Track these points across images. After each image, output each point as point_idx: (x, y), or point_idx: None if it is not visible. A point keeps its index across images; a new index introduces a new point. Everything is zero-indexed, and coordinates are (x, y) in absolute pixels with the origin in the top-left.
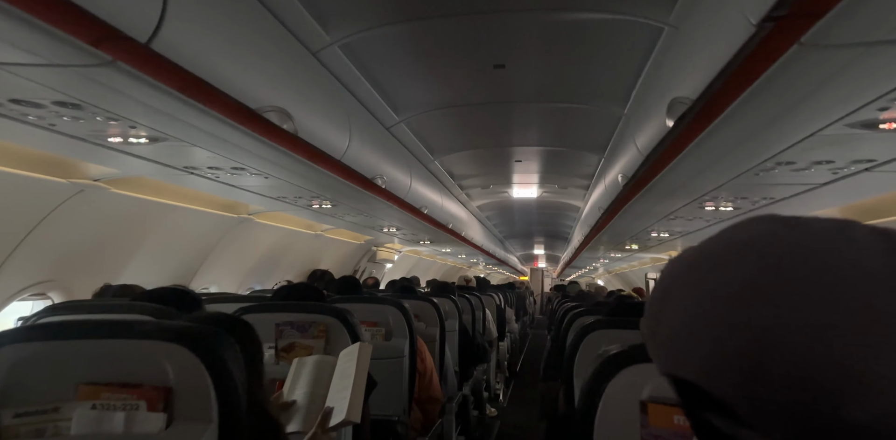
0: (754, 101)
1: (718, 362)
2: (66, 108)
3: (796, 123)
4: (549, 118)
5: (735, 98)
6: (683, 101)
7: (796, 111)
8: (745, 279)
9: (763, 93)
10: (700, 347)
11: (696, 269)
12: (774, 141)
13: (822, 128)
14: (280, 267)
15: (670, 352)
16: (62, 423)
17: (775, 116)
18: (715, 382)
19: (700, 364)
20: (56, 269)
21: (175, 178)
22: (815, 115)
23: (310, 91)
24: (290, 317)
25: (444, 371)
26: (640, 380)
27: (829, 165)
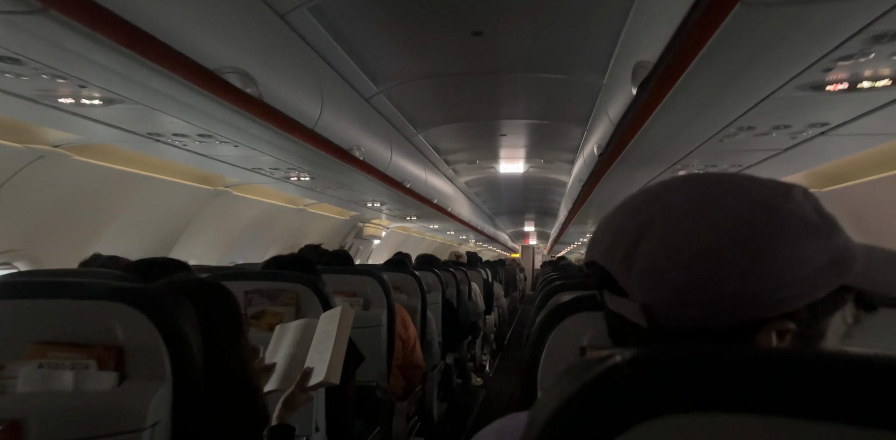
0: (708, 62)
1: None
2: (6, 63)
3: (750, 86)
4: (532, 89)
5: (691, 60)
6: (645, 66)
7: (748, 73)
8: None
9: (716, 54)
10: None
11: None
12: (733, 104)
13: (775, 90)
14: (262, 242)
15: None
16: (8, 381)
17: (730, 78)
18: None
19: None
20: (22, 239)
21: (142, 145)
22: (765, 76)
23: (276, 54)
24: (260, 286)
25: (426, 341)
26: (582, 329)
27: (787, 130)
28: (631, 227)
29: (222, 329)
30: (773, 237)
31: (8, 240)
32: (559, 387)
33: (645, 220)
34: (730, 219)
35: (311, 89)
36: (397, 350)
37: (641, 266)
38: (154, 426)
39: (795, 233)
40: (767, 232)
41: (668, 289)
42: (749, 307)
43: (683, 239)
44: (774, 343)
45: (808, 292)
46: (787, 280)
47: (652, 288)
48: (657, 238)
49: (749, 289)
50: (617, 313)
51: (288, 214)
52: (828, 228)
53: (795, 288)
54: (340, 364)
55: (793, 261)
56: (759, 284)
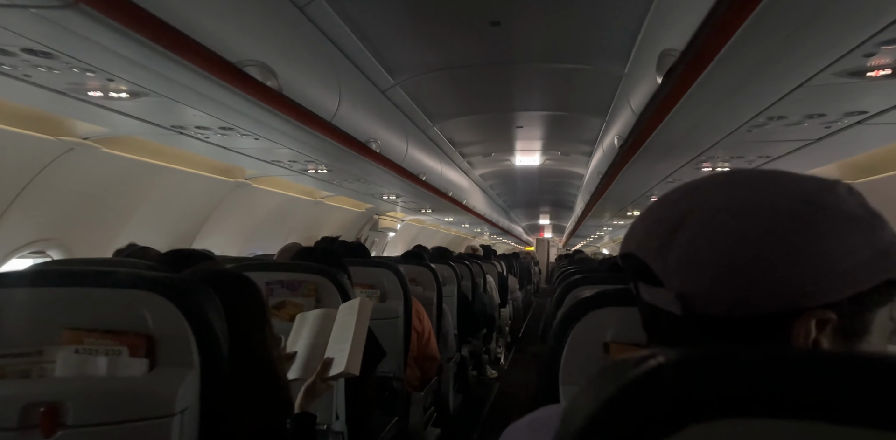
0: (740, 48)
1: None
2: (38, 56)
3: (783, 73)
4: (550, 80)
5: (721, 46)
6: (672, 54)
7: (783, 59)
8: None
9: (748, 39)
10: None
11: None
12: (764, 93)
13: (810, 77)
14: (281, 233)
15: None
16: (47, 365)
17: (762, 65)
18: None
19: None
20: (54, 228)
21: (165, 138)
22: (801, 62)
23: (295, 46)
24: (280, 277)
25: (441, 333)
26: (605, 324)
27: (821, 119)
28: (668, 217)
29: (246, 318)
30: (814, 227)
31: (41, 229)
32: (596, 388)
33: (683, 210)
34: (769, 209)
35: (329, 82)
36: (412, 342)
37: (678, 254)
38: (183, 412)
39: (837, 225)
40: (808, 222)
41: (704, 276)
42: (788, 295)
43: (721, 228)
44: (813, 334)
45: (850, 284)
46: (829, 270)
47: (689, 275)
48: (695, 227)
49: (788, 276)
50: (651, 305)
51: (305, 206)
52: (873, 223)
53: (837, 279)
54: (360, 355)
55: (835, 251)
56: (799, 273)
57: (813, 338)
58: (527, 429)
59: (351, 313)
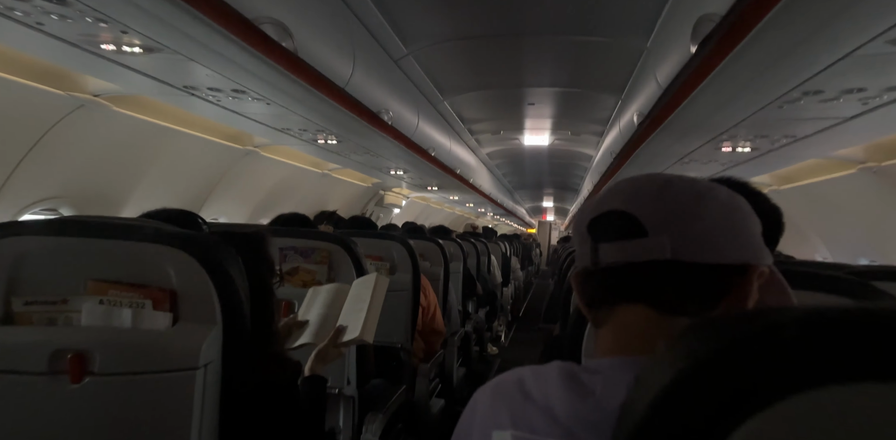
0: (788, 12)
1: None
2: (52, 3)
3: (831, 40)
4: (566, 54)
5: (769, 10)
6: (711, 18)
7: (833, 25)
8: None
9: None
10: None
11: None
12: (805, 64)
13: (860, 46)
14: (288, 204)
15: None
16: (73, 314)
17: (809, 32)
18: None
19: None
20: (65, 186)
21: (176, 99)
22: (853, 29)
23: (310, 6)
24: (294, 243)
25: (447, 308)
26: None
27: (860, 94)
28: (649, 183)
29: (256, 275)
30: (747, 209)
31: (52, 187)
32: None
33: (663, 180)
34: (722, 190)
35: (344, 47)
36: (417, 316)
37: (670, 206)
38: (206, 366)
39: (752, 214)
40: (744, 206)
41: (694, 226)
42: (746, 251)
43: (700, 192)
44: (754, 284)
45: (765, 256)
46: (758, 243)
47: (680, 223)
48: (679, 188)
49: (746, 237)
50: (623, 264)
51: (312, 178)
52: (757, 222)
53: (762, 250)
54: (375, 324)
55: (756, 231)
56: (750, 237)
57: (751, 290)
58: (490, 392)
59: (366, 287)
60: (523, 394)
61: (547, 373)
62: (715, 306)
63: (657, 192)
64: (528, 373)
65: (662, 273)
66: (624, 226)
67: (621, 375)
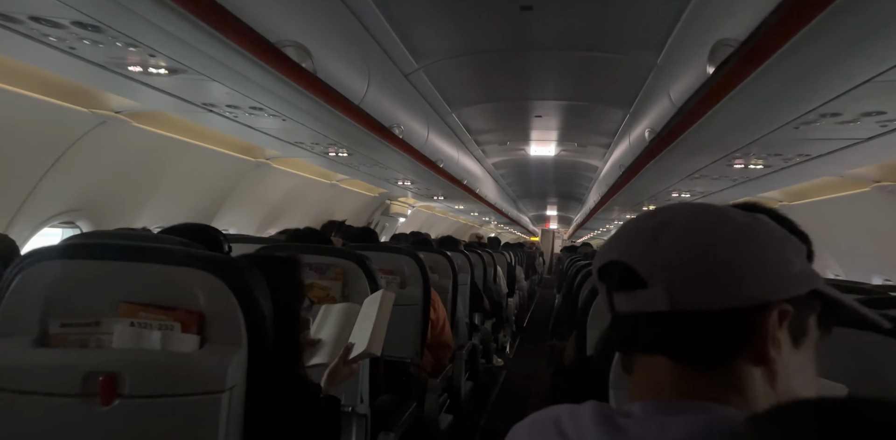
0: (811, 40)
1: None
2: (86, 30)
3: (852, 67)
4: (576, 69)
5: (788, 39)
6: (729, 44)
7: (854, 53)
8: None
9: (823, 29)
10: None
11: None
12: (823, 88)
13: (883, 72)
14: (296, 214)
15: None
16: (104, 336)
17: (829, 59)
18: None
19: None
20: (84, 199)
21: (194, 115)
22: (874, 58)
23: (329, 28)
24: (309, 259)
25: (455, 321)
26: None
27: (878, 117)
28: (649, 226)
29: (286, 298)
30: (763, 239)
31: (72, 199)
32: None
33: (663, 220)
34: (731, 222)
35: (360, 65)
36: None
37: (665, 253)
38: (232, 389)
39: (775, 241)
40: (760, 235)
41: (690, 272)
42: (758, 288)
43: (701, 231)
44: (777, 326)
45: (795, 285)
46: (781, 272)
47: (675, 271)
48: (678, 230)
49: (758, 271)
50: (631, 315)
51: (321, 188)
52: (793, 243)
53: (787, 279)
54: (382, 338)
55: (782, 259)
56: (764, 269)
57: (773, 335)
58: (528, 429)
59: (373, 304)
60: (559, 432)
61: (582, 413)
62: (737, 354)
63: (652, 238)
64: (564, 413)
65: (669, 324)
66: (624, 277)
67: (653, 417)
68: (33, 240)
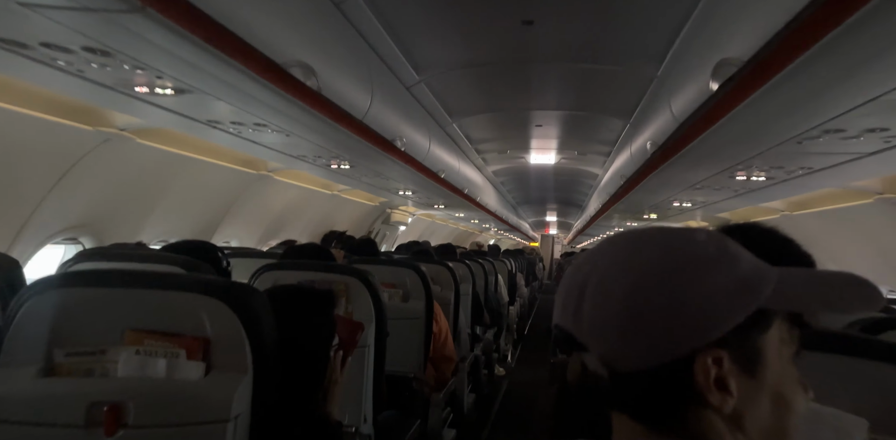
0: (814, 62)
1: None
2: (95, 54)
3: (857, 87)
4: (574, 80)
5: (793, 59)
6: (732, 63)
7: (860, 73)
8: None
9: (826, 53)
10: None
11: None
12: (828, 106)
13: (886, 92)
14: (298, 224)
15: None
16: (109, 365)
17: (835, 79)
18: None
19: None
20: (87, 216)
21: (198, 131)
22: (880, 77)
23: (333, 46)
24: (312, 276)
25: (457, 332)
26: None
27: (882, 134)
28: (574, 284)
29: (319, 334)
30: (679, 274)
31: (75, 216)
32: None
33: (582, 278)
34: (645, 263)
35: (363, 80)
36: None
37: (588, 317)
38: (237, 418)
39: (700, 269)
40: (674, 270)
41: (613, 334)
42: (680, 339)
43: (612, 286)
44: (713, 372)
45: (725, 318)
46: (703, 310)
47: (600, 336)
48: (593, 291)
49: (674, 322)
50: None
51: (322, 199)
52: (727, 260)
53: (713, 316)
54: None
55: (704, 292)
56: (679, 317)
57: (715, 377)
58: None
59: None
60: None
61: None
62: (687, 404)
63: (578, 300)
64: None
65: (614, 386)
66: (569, 342)
67: None
68: (36, 258)
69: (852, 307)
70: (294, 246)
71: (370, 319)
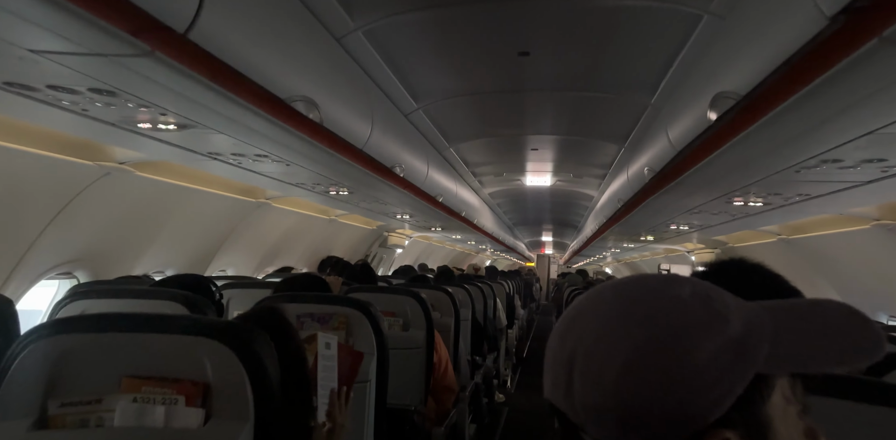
0: (813, 98)
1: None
2: (101, 94)
3: (856, 121)
4: (569, 107)
5: (791, 95)
6: (730, 96)
7: (859, 109)
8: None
9: (824, 89)
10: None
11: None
12: (826, 139)
13: (883, 126)
14: (296, 250)
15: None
16: (105, 414)
17: (833, 114)
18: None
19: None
20: (83, 250)
21: (198, 162)
22: (879, 112)
23: (334, 79)
24: (311, 309)
25: (457, 360)
26: None
27: (880, 164)
28: (562, 359)
29: (297, 363)
30: (670, 353)
31: (70, 250)
32: None
33: (569, 350)
34: (632, 340)
35: (364, 111)
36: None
37: (581, 402)
38: None
39: (688, 340)
40: (663, 349)
41: (610, 423)
42: (680, 422)
43: (601, 368)
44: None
45: (724, 393)
46: (698, 388)
47: (598, 425)
48: (582, 370)
49: (671, 404)
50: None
51: (319, 224)
52: (717, 322)
53: (711, 392)
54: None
55: (695, 367)
56: (677, 398)
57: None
58: None
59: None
60: None
61: None
62: None
63: (567, 376)
64: None
65: None
66: (563, 420)
67: None
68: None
69: (854, 361)
70: (287, 278)
71: (372, 352)
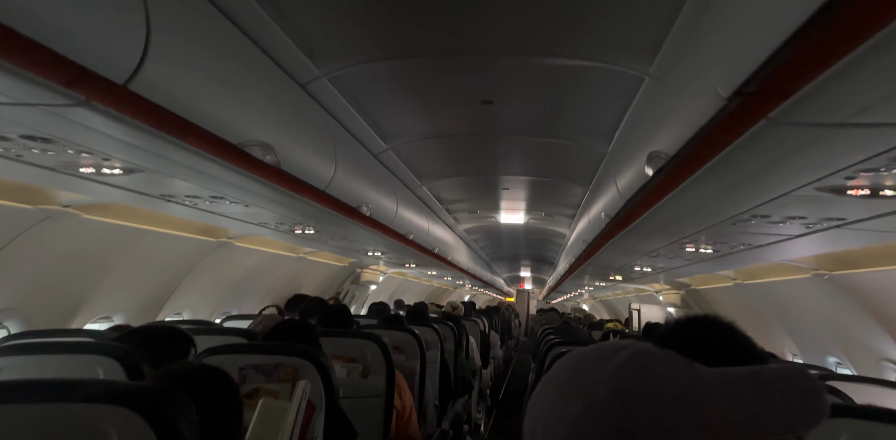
0: (726, 163)
1: None
2: (35, 141)
3: (767, 185)
4: (535, 151)
5: (707, 161)
6: (661, 156)
7: (766, 175)
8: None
9: (733, 158)
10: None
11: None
12: (748, 197)
13: (792, 190)
14: (258, 290)
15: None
16: None
17: (746, 178)
18: None
19: None
20: (17, 298)
21: (151, 204)
22: (783, 180)
23: (295, 123)
24: (256, 360)
25: (423, 406)
26: None
27: (802, 220)
28: (530, 429)
29: (220, 419)
30: (607, 420)
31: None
32: None
33: (533, 420)
34: (570, 413)
35: (326, 152)
36: (391, 422)
37: None
38: None
39: (623, 408)
40: (599, 416)
41: None
42: None
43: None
44: None
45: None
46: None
47: None
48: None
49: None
50: None
51: (287, 262)
52: (649, 388)
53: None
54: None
55: (634, 433)
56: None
57: None
58: None
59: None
60: None
61: None
62: None
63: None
64: None
65: None
66: None
67: None
68: None
69: (793, 432)
70: (277, 327)
71: (321, 406)
